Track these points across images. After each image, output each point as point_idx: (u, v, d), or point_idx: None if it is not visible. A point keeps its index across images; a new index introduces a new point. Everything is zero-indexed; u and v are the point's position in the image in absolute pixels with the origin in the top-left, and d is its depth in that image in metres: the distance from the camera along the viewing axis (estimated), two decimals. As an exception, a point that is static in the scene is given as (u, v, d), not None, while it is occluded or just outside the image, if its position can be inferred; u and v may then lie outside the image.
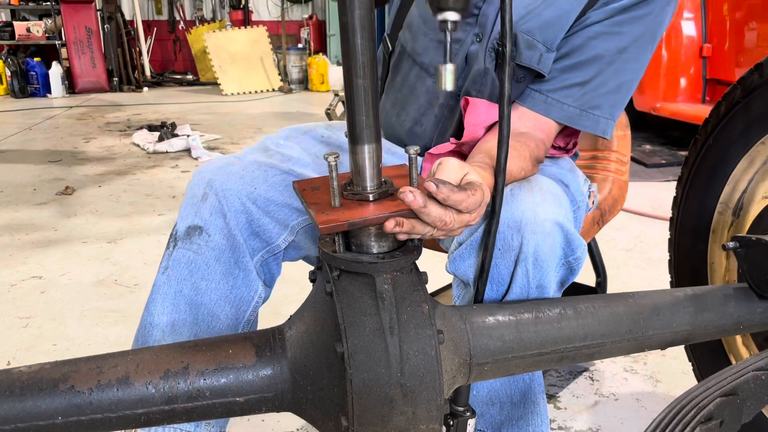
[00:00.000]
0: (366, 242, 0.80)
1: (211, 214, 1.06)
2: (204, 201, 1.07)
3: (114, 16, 8.85)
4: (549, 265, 0.96)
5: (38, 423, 0.74)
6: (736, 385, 0.85)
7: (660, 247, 2.67)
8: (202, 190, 1.08)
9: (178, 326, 1.06)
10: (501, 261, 0.96)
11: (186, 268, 1.06)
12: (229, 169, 1.10)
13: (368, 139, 0.77)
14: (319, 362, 0.80)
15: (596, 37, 1.10)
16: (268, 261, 1.12)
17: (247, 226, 1.08)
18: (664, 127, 5.18)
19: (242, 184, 1.08)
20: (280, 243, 1.11)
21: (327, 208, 0.79)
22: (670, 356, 1.83)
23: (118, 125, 6.11)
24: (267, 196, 1.09)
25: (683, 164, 1.36)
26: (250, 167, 1.11)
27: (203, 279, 1.06)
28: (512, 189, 0.99)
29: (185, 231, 1.07)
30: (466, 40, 1.19)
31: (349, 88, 0.75)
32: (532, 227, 0.94)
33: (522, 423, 1.07)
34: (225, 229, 1.06)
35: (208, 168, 1.12)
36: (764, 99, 1.16)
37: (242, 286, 1.09)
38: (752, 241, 1.03)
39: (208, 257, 1.06)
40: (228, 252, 1.07)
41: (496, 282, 0.98)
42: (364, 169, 0.79)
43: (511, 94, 0.86)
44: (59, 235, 2.99)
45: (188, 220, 1.07)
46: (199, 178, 1.10)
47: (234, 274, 1.08)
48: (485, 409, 1.08)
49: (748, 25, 4.11)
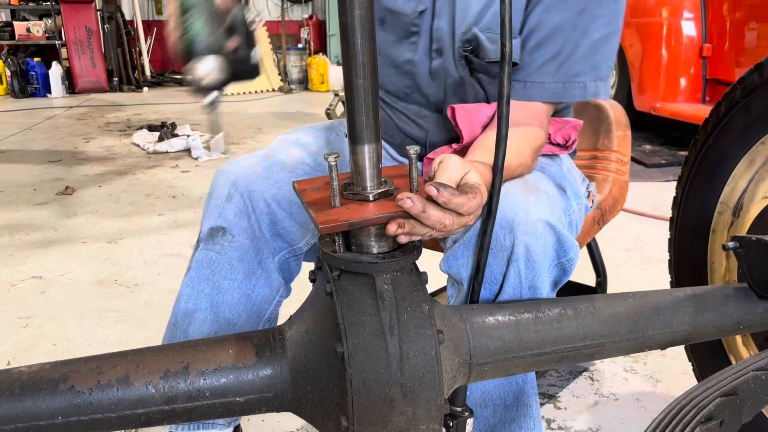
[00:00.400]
0: (366, 242, 0.80)
1: (235, 215, 1.07)
2: (229, 202, 1.07)
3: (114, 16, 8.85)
4: (541, 265, 0.96)
5: (38, 423, 0.74)
6: (736, 385, 0.85)
7: (660, 247, 2.67)
8: (227, 191, 1.08)
9: (199, 324, 1.08)
10: (493, 261, 0.96)
11: (208, 268, 1.07)
12: (254, 169, 1.10)
13: (368, 139, 0.77)
14: (319, 362, 0.80)
15: (550, 8, 1.09)
16: (288, 260, 1.13)
17: (270, 227, 1.09)
18: (664, 127, 5.18)
19: (268, 185, 1.09)
20: (302, 245, 1.12)
21: (327, 207, 0.79)
22: (670, 356, 1.83)
23: (118, 125, 6.11)
24: (291, 198, 1.10)
25: (683, 164, 1.36)
26: (275, 168, 1.12)
27: (225, 278, 1.07)
28: (507, 188, 0.99)
29: (208, 232, 1.07)
30: (420, 60, 1.20)
31: (349, 88, 0.75)
32: (524, 228, 0.94)
33: (515, 426, 1.07)
34: (249, 230, 1.07)
35: (232, 168, 1.11)
36: (764, 99, 1.16)
37: (264, 285, 1.10)
38: (752, 241, 1.03)
39: (232, 257, 1.07)
40: (252, 252, 1.07)
41: (489, 282, 0.98)
42: (364, 169, 0.79)
43: (510, 93, 0.86)
44: (59, 235, 2.99)
45: (211, 221, 1.08)
46: (224, 178, 1.10)
47: (257, 274, 1.09)
48: (479, 411, 1.08)
49: (748, 25, 4.11)
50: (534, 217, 0.95)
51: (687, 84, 4.54)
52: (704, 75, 4.51)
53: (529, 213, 0.95)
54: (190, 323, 1.08)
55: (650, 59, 4.68)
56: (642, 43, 4.77)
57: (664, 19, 4.59)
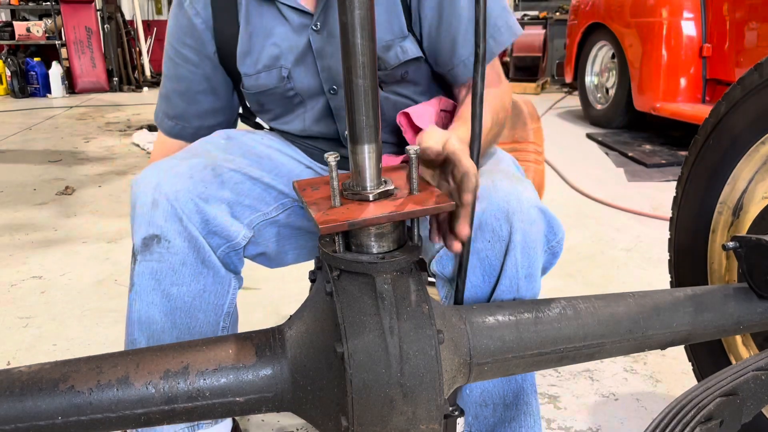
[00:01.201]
0: (366, 242, 0.80)
1: (165, 219, 1.02)
2: (155, 208, 1.02)
3: (114, 16, 8.86)
4: (536, 252, 0.99)
5: (38, 423, 0.74)
6: (736, 385, 0.85)
7: (660, 247, 2.67)
8: (151, 198, 1.03)
9: (158, 335, 1.05)
10: (491, 252, 0.98)
11: (152, 279, 1.03)
12: (175, 170, 1.06)
13: (368, 139, 0.77)
14: (319, 362, 0.80)
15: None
16: (230, 255, 1.10)
17: (203, 226, 1.04)
18: (664, 127, 5.18)
19: (192, 183, 1.04)
20: (240, 240, 1.09)
21: (327, 207, 0.79)
22: (670, 356, 1.83)
23: (118, 125, 6.11)
24: (219, 195, 1.07)
25: (683, 164, 1.36)
26: (197, 167, 1.08)
27: (173, 285, 1.03)
28: (493, 180, 1.01)
29: (142, 243, 1.03)
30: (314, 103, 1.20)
31: (349, 89, 0.75)
32: (519, 215, 0.97)
33: (515, 425, 1.07)
34: (184, 232, 1.02)
35: (151, 174, 1.06)
36: (764, 99, 1.16)
37: (214, 283, 1.07)
38: (752, 241, 1.03)
39: (173, 262, 1.03)
40: (192, 254, 1.04)
41: (488, 273, 0.99)
42: (364, 169, 0.79)
43: (483, 92, 0.87)
44: (59, 235, 2.99)
45: (142, 231, 1.03)
46: (145, 185, 1.04)
47: (203, 273, 1.05)
48: (479, 411, 1.08)
49: (748, 25, 4.11)
50: (527, 204, 0.98)
51: (687, 84, 4.55)
52: (704, 75, 4.51)
53: (522, 200, 0.98)
54: (150, 336, 1.05)
55: (650, 59, 4.69)
56: (642, 43, 4.78)
57: (664, 19, 4.60)
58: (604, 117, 5.48)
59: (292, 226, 1.19)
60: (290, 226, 1.19)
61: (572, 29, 5.98)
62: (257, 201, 1.13)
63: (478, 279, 1.00)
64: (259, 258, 1.19)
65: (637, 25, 4.86)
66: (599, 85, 5.74)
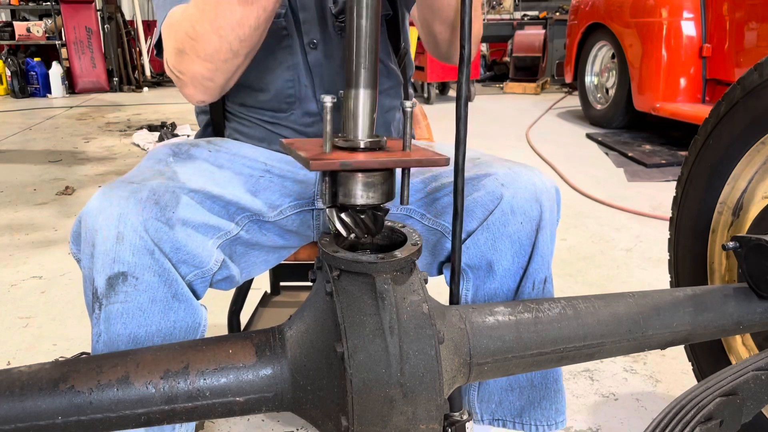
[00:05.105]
0: (354, 191, 0.76)
1: (133, 254, 0.91)
2: (121, 242, 0.91)
3: (114, 16, 8.86)
4: (553, 229, 1.06)
5: (38, 423, 0.74)
6: (736, 385, 0.85)
7: (660, 247, 2.67)
8: (114, 231, 0.91)
9: None
10: (522, 233, 1.03)
11: (118, 322, 0.93)
12: (137, 197, 0.95)
13: (364, 84, 0.76)
14: (319, 362, 0.80)
15: None
16: (194, 283, 1.00)
17: (174, 253, 0.95)
18: (664, 127, 5.19)
19: (158, 209, 0.94)
20: (212, 266, 1.01)
21: (318, 154, 0.75)
22: (670, 356, 1.83)
23: (118, 125, 6.11)
24: (185, 218, 0.98)
25: (683, 164, 1.36)
26: (158, 190, 0.98)
27: (140, 327, 0.93)
28: (509, 167, 1.07)
29: (106, 284, 0.91)
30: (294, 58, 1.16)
31: (351, 28, 0.75)
32: (545, 195, 1.04)
33: (545, 403, 1.09)
34: (155, 265, 0.92)
35: (108, 204, 0.93)
36: (764, 99, 1.16)
37: (185, 317, 0.97)
38: (752, 241, 1.03)
39: (141, 301, 0.93)
40: (163, 288, 0.94)
41: (518, 253, 1.04)
42: (357, 116, 0.77)
43: (468, 95, 0.88)
44: (59, 235, 2.99)
45: (106, 271, 0.91)
46: (104, 219, 0.92)
47: (174, 308, 0.96)
48: (504, 396, 1.09)
49: (748, 25, 4.11)
50: (548, 184, 1.06)
51: (687, 84, 4.55)
52: (704, 75, 4.51)
53: (543, 181, 1.05)
54: None
55: (650, 59, 4.69)
56: (642, 43, 4.78)
57: (664, 19, 4.60)
58: (604, 117, 5.49)
59: (252, 242, 1.11)
60: (250, 243, 1.11)
61: (572, 29, 5.99)
62: (220, 220, 1.05)
63: (508, 262, 1.04)
64: (222, 283, 1.08)
65: (637, 25, 4.86)
66: (599, 85, 5.75)
